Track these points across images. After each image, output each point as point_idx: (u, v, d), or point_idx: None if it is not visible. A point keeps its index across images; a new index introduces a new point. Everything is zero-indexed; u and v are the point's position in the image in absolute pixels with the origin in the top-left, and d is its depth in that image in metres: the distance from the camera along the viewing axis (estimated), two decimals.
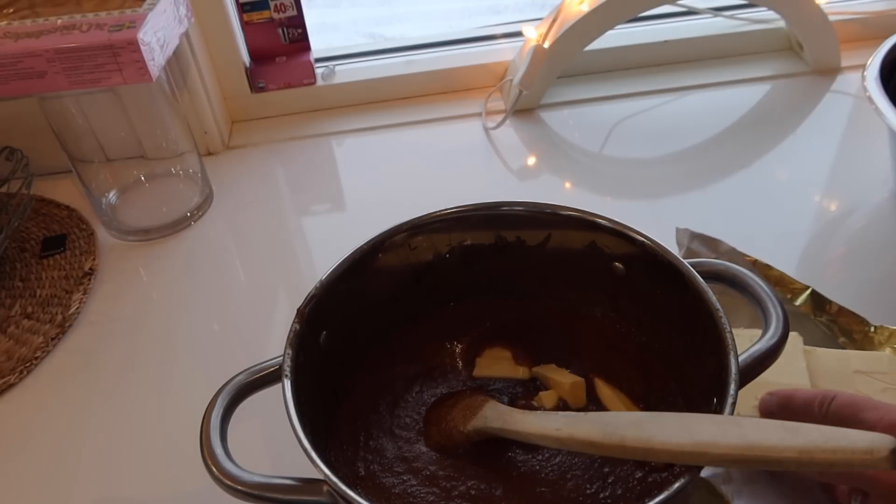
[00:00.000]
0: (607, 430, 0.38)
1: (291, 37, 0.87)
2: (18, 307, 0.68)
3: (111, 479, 0.54)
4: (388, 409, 0.48)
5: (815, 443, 0.33)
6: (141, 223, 0.75)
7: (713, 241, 0.61)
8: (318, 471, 0.37)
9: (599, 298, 0.52)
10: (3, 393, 0.61)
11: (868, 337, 0.54)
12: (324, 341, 0.47)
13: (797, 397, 0.44)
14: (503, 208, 0.51)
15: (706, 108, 0.86)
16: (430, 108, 0.89)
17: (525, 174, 0.80)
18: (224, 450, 0.40)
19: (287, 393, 0.41)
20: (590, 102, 0.88)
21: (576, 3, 0.82)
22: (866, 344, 0.54)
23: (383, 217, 0.50)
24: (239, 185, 0.81)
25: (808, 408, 0.42)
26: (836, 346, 0.54)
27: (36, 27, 0.63)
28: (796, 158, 0.78)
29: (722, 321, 0.42)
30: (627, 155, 0.81)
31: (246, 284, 0.70)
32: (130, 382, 0.61)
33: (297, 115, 0.90)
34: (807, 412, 0.43)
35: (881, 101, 0.60)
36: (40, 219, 0.78)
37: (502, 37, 0.93)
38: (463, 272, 0.53)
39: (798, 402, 0.43)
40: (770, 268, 0.59)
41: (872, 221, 0.69)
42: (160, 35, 0.64)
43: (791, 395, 0.44)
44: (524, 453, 0.45)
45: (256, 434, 0.54)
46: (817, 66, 0.89)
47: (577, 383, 0.47)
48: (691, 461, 0.36)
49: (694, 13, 0.93)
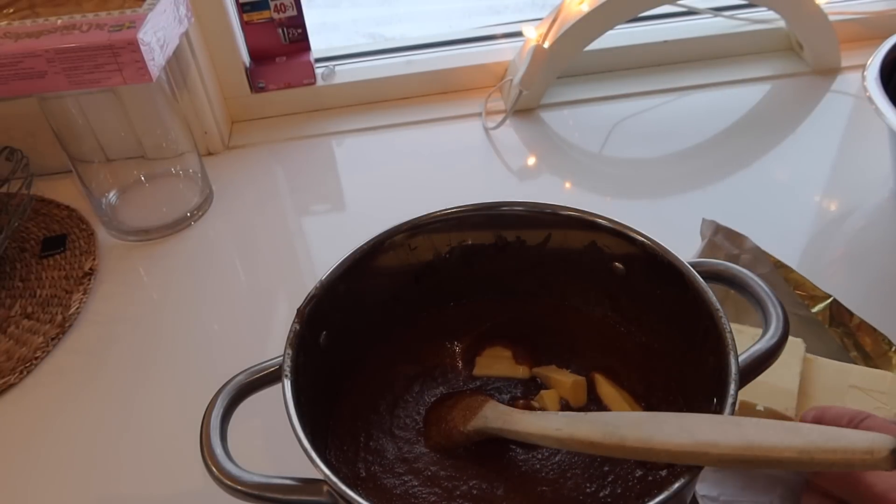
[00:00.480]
0: (607, 430, 0.38)
1: (291, 37, 0.87)
2: (18, 307, 0.68)
3: (111, 479, 0.54)
4: (389, 409, 0.48)
5: (815, 443, 0.33)
6: (141, 223, 0.75)
7: (738, 237, 0.60)
8: (318, 471, 0.37)
9: (599, 298, 0.52)
10: (4, 393, 0.61)
11: (886, 356, 0.53)
12: (324, 341, 0.47)
13: (829, 413, 0.43)
14: (503, 208, 0.51)
15: (706, 108, 0.86)
16: (430, 108, 0.89)
17: (525, 174, 0.80)
18: (224, 450, 0.40)
19: (287, 393, 0.40)
20: (590, 102, 0.88)
21: (576, 3, 0.82)
22: (881, 362, 0.53)
23: (383, 217, 0.50)
24: (239, 186, 0.81)
25: (838, 423, 0.42)
26: (846, 360, 0.53)
27: (36, 27, 0.63)
28: (796, 158, 0.78)
29: (722, 321, 0.42)
30: (627, 155, 0.81)
31: (246, 284, 0.70)
32: (130, 382, 0.61)
33: (296, 115, 0.90)
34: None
35: (881, 101, 0.60)
36: (40, 219, 0.78)
37: (502, 37, 0.93)
38: (463, 272, 0.53)
39: (829, 418, 0.43)
40: (791, 271, 0.58)
41: (872, 221, 0.69)
42: (160, 35, 0.64)
43: (825, 411, 0.44)
44: (524, 453, 0.45)
45: (256, 434, 0.54)
46: (817, 66, 0.89)
47: (578, 382, 0.47)
48: (691, 461, 0.36)
49: (694, 13, 0.93)
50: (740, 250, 0.60)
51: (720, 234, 0.61)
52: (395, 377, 0.50)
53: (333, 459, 0.45)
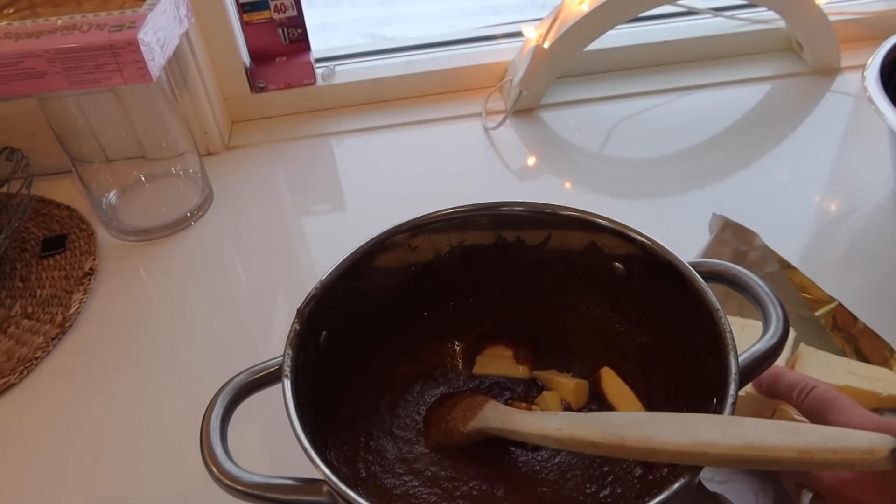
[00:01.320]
0: (607, 430, 0.38)
1: (291, 37, 0.87)
2: (18, 307, 0.68)
3: (111, 479, 0.54)
4: (389, 408, 0.48)
5: (815, 443, 0.33)
6: (141, 223, 0.75)
7: (748, 233, 0.60)
8: (318, 471, 0.37)
9: (599, 298, 0.52)
10: (4, 393, 0.61)
11: (887, 364, 0.53)
12: (324, 341, 0.47)
13: (784, 380, 0.44)
14: (503, 208, 0.51)
15: (706, 108, 0.86)
16: (430, 108, 0.89)
17: (525, 174, 0.80)
18: (224, 450, 0.40)
19: (287, 393, 0.41)
20: (590, 102, 0.88)
21: (576, 3, 0.82)
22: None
23: (383, 217, 0.50)
24: (239, 186, 0.81)
25: (790, 392, 0.44)
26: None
27: (36, 27, 0.63)
28: (796, 158, 0.78)
29: (722, 321, 0.42)
30: (627, 155, 0.81)
31: (246, 284, 0.70)
32: (130, 382, 0.61)
33: (297, 116, 0.90)
34: (788, 396, 0.44)
35: (881, 101, 0.60)
36: (40, 219, 0.78)
37: (502, 37, 0.93)
38: (463, 272, 0.53)
39: (783, 385, 0.44)
40: (797, 272, 0.58)
41: (872, 221, 0.69)
42: (160, 35, 0.64)
43: (779, 376, 0.45)
44: (525, 454, 0.45)
45: (256, 434, 0.54)
46: (817, 66, 0.89)
47: (580, 384, 0.47)
48: (691, 461, 0.36)
49: (694, 13, 0.93)
50: (749, 247, 0.60)
51: (729, 229, 0.61)
52: (395, 377, 0.50)
53: (333, 459, 0.45)
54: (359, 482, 0.44)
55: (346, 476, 0.44)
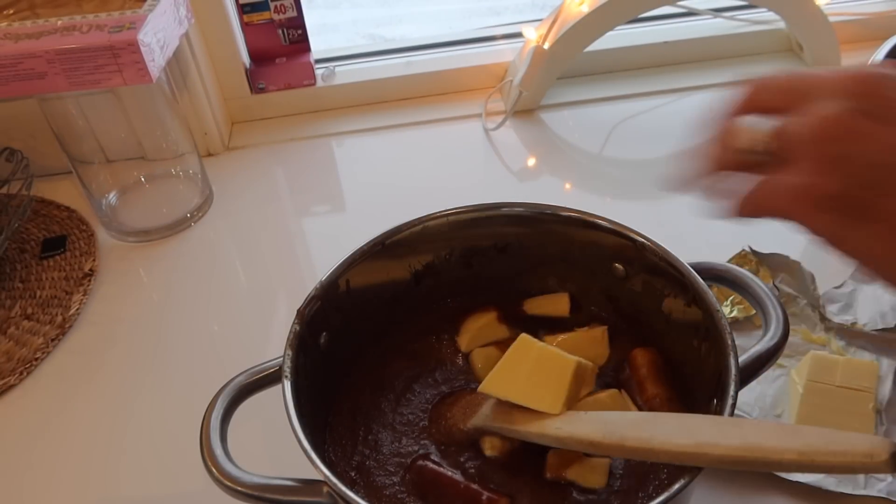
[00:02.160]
0: (607, 429, 0.38)
1: (291, 38, 0.87)
2: (18, 308, 0.68)
3: (111, 480, 0.54)
4: (389, 407, 0.48)
5: (814, 445, 0.32)
6: (141, 224, 0.75)
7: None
8: (318, 472, 0.37)
9: (599, 298, 0.52)
10: (4, 394, 0.61)
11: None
12: (324, 342, 0.47)
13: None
14: (503, 209, 0.51)
15: (706, 108, 0.86)
16: (430, 109, 0.89)
17: (525, 175, 0.80)
18: (224, 450, 0.40)
19: (287, 394, 0.41)
20: (590, 103, 0.88)
21: (576, 4, 0.82)
22: None
23: (383, 217, 0.50)
24: (239, 186, 0.81)
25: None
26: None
27: (36, 28, 0.63)
28: None
29: (722, 321, 0.42)
30: (627, 156, 0.81)
31: (246, 285, 0.70)
32: (130, 383, 0.61)
33: (297, 116, 0.90)
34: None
35: None
36: (40, 220, 0.78)
37: (502, 38, 0.93)
38: (463, 272, 0.53)
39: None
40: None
41: None
42: (160, 36, 0.64)
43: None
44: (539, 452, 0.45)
45: (256, 435, 0.54)
46: (817, 66, 0.89)
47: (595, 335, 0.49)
48: (691, 461, 0.36)
49: (694, 14, 0.93)
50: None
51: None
52: (395, 376, 0.50)
53: (333, 460, 0.45)
54: (358, 482, 0.44)
55: (345, 475, 0.44)
